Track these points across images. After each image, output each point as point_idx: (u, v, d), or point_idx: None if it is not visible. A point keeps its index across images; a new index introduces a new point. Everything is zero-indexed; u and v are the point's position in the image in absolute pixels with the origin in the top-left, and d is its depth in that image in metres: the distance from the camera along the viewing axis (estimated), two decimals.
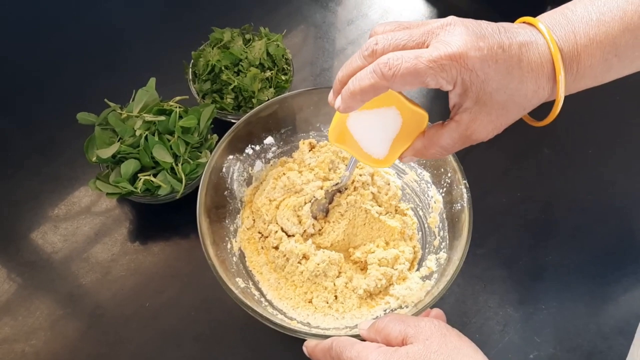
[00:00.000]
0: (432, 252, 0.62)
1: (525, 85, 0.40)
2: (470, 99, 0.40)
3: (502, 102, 0.40)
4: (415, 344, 0.39)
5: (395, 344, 0.41)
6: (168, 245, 0.67)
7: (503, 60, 0.39)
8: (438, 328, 0.40)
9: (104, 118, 0.64)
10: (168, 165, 0.62)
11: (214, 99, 0.70)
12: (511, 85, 0.40)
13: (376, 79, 0.39)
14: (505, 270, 0.67)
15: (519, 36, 0.40)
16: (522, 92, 0.40)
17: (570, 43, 0.40)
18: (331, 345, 0.44)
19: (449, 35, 0.39)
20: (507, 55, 0.39)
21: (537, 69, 0.40)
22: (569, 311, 0.64)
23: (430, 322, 0.41)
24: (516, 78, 0.39)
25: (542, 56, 0.40)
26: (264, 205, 0.63)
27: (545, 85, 0.41)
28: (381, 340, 0.42)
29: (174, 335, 0.62)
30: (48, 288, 0.64)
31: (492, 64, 0.39)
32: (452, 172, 0.59)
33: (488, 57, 0.38)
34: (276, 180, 0.64)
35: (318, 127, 0.67)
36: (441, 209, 0.62)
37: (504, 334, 0.63)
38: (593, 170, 0.75)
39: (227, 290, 0.52)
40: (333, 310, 0.59)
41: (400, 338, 0.41)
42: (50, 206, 0.69)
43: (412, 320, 0.42)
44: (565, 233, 0.70)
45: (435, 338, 0.39)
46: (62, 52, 0.81)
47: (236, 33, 0.73)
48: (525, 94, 0.41)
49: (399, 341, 0.41)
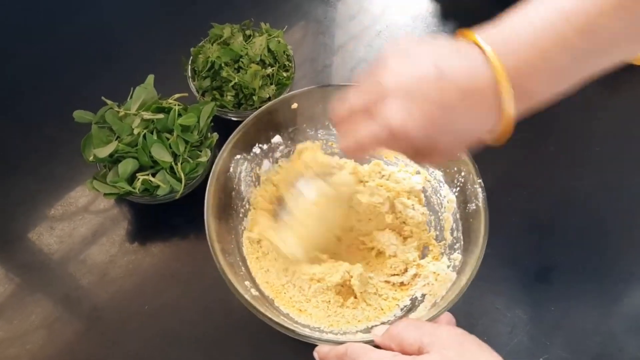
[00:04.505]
0: (445, 253, 0.60)
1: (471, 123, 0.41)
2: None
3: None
4: (431, 353, 0.38)
5: (410, 352, 0.39)
6: (167, 246, 0.66)
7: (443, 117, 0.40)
8: (455, 336, 0.39)
9: (101, 116, 0.63)
10: (167, 164, 0.61)
11: (213, 96, 0.69)
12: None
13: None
14: (513, 271, 0.65)
15: (459, 79, 0.39)
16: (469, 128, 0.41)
17: (514, 64, 0.39)
18: (345, 351, 0.43)
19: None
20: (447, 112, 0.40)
21: (480, 103, 0.40)
22: (579, 312, 0.63)
23: (447, 330, 0.40)
24: (460, 120, 0.40)
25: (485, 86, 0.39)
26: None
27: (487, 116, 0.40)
28: (396, 347, 0.41)
29: (174, 339, 0.61)
30: (44, 290, 0.63)
31: (431, 126, 0.40)
32: (466, 171, 0.57)
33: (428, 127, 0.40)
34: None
35: (327, 126, 0.66)
36: (454, 209, 0.60)
37: (512, 336, 0.62)
38: (601, 168, 0.74)
39: (238, 296, 0.51)
40: (346, 313, 0.58)
41: (415, 346, 0.39)
42: (46, 206, 0.68)
43: (428, 327, 0.40)
44: (574, 232, 0.68)
45: (452, 347, 0.38)
46: (59, 49, 0.80)
47: (236, 29, 0.72)
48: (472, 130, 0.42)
49: (414, 349, 0.39)
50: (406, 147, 0.42)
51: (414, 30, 0.85)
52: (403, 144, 0.42)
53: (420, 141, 0.41)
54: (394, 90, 0.40)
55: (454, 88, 0.39)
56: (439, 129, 0.40)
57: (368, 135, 0.42)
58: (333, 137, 0.67)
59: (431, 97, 0.39)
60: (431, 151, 0.43)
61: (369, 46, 0.83)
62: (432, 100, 0.39)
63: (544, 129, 0.75)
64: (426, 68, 0.39)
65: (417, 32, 0.84)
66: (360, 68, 0.81)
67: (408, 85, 0.40)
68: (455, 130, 0.41)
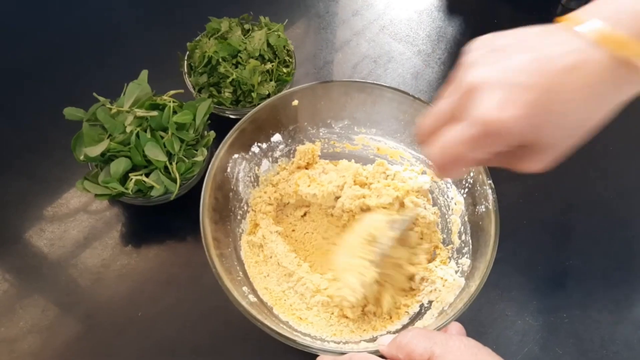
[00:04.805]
0: (453, 258, 0.58)
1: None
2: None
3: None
4: None
5: None
6: (163, 250, 0.64)
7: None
8: (468, 347, 0.37)
9: (92, 113, 0.62)
10: (161, 164, 0.60)
11: (210, 93, 0.68)
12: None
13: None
14: (524, 276, 0.64)
15: (565, 59, 0.34)
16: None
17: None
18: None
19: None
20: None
21: (593, 83, 0.34)
22: (593, 320, 0.62)
23: (459, 341, 0.38)
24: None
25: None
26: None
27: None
28: (403, 358, 0.39)
29: (171, 347, 0.59)
30: (33, 296, 0.61)
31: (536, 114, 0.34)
32: (475, 171, 0.55)
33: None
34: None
35: (329, 124, 0.65)
36: (462, 211, 0.58)
37: (522, 344, 0.60)
38: (616, 168, 0.72)
39: (234, 303, 0.50)
40: (350, 322, 0.56)
41: (425, 356, 0.37)
42: (36, 208, 0.66)
43: (439, 337, 0.38)
44: (587, 236, 0.67)
45: (465, 359, 0.36)
46: (50, 43, 0.79)
47: (234, 23, 0.71)
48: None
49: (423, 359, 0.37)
50: (503, 147, 0.36)
51: (419, 25, 0.83)
52: (504, 139, 0.35)
53: (526, 133, 0.35)
54: (484, 83, 0.35)
55: (559, 69, 0.34)
56: (547, 118, 0.34)
57: (455, 138, 0.36)
58: (335, 136, 0.65)
59: (532, 81, 0.34)
60: (542, 146, 0.36)
61: (372, 42, 0.81)
62: (534, 85, 0.34)
63: None
64: (521, 55, 0.35)
65: (422, 28, 0.83)
66: (363, 64, 0.79)
67: (502, 75, 0.35)
68: (566, 118, 0.35)
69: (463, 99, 0.36)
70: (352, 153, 0.66)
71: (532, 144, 0.36)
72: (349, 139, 0.65)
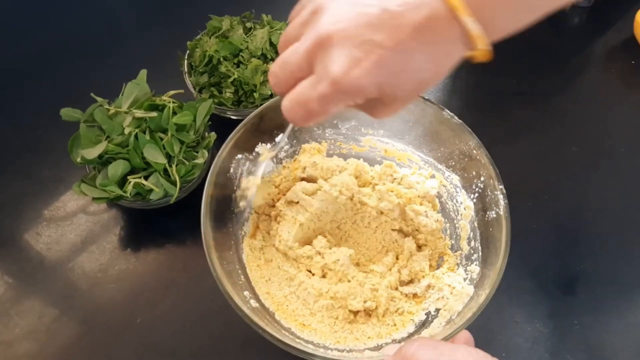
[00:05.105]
0: (461, 264, 0.57)
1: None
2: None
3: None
4: None
5: None
6: (162, 254, 0.64)
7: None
8: (476, 359, 0.36)
9: (89, 114, 0.62)
10: (161, 166, 0.59)
11: (211, 93, 0.68)
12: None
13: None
14: (533, 281, 0.63)
15: (410, 15, 0.35)
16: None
17: None
18: None
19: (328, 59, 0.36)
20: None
21: (439, 38, 0.35)
22: (604, 326, 0.60)
23: (468, 352, 0.37)
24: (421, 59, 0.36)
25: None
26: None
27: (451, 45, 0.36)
28: None
29: (169, 352, 0.58)
30: (29, 301, 0.60)
31: (384, 72, 0.36)
32: (486, 176, 0.54)
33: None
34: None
35: (335, 124, 0.64)
36: (472, 216, 0.57)
37: (532, 351, 0.59)
38: (626, 170, 0.71)
39: (235, 308, 0.48)
40: (355, 329, 0.55)
41: None
42: (32, 210, 0.66)
43: (446, 347, 0.37)
44: (598, 239, 0.66)
45: None
46: (47, 42, 0.79)
47: (236, 21, 0.71)
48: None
49: None
50: (357, 100, 0.38)
51: None
52: (352, 97, 0.37)
53: (373, 91, 0.36)
54: (333, 37, 0.35)
55: (405, 26, 0.34)
56: (394, 75, 0.36)
57: (308, 95, 0.37)
58: (342, 137, 0.65)
59: (379, 40, 0.35)
60: (389, 100, 0.38)
61: None
62: (380, 43, 0.35)
63: (565, 127, 0.74)
64: (369, 8, 0.35)
65: None
66: None
67: (350, 30, 0.35)
68: (413, 71, 0.36)
69: (313, 46, 0.37)
70: (359, 154, 0.65)
71: (378, 98, 0.37)
72: (355, 140, 0.64)
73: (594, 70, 0.79)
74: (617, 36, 0.81)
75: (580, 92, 0.77)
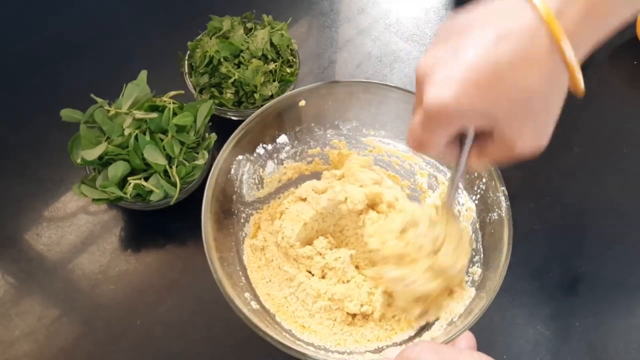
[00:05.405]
0: None
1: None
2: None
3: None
4: None
5: None
6: (162, 255, 0.64)
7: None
8: None
9: (89, 115, 0.61)
10: (161, 168, 0.59)
11: (212, 93, 0.67)
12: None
13: None
14: (535, 283, 0.63)
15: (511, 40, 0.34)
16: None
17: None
18: None
19: None
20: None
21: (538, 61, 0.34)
22: (607, 328, 0.61)
23: (470, 356, 0.36)
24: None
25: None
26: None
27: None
28: None
29: (170, 353, 0.58)
30: (29, 302, 0.60)
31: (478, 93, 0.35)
32: (488, 178, 0.54)
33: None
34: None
35: (336, 125, 0.63)
36: (474, 218, 0.57)
37: (534, 353, 0.59)
38: (629, 171, 0.71)
39: (235, 310, 0.48)
40: (354, 332, 0.55)
41: None
42: (32, 211, 0.65)
43: (449, 352, 0.37)
44: (601, 241, 0.66)
45: None
46: (47, 43, 0.78)
47: (237, 21, 0.70)
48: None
49: None
50: (455, 127, 0.37)
51: (426, 23, 0.82)
52: (449, 123, 0.36)
53: (468, 116, 0.35)
54: (427, 69, 0.36)
55: (508, 50, 0.34)
56: (494, 97, 0.34)
57: (413, 124, 0.39)
58: (343, 137, 0.65)
59: (470, 61, 0.34)
60: (502, 140, 0.37)
61: (377, 40, 0.80)
62: (471, 65, 0.34)
63: (567, 127, 0.72)
64: (471, 37, 0.35)
65: (429, 26, 0.82)
66: (368, 63, 0.78)
67: (442, 59, 0.36)
68: (517, 99, 0.35)
69: (418, 89, 0.38)
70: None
71: (490, 121, 0.36)
72: (357, 141, 0.64)
73: (597, 71, 0.78)
74: (620, 37, 0.81)
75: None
